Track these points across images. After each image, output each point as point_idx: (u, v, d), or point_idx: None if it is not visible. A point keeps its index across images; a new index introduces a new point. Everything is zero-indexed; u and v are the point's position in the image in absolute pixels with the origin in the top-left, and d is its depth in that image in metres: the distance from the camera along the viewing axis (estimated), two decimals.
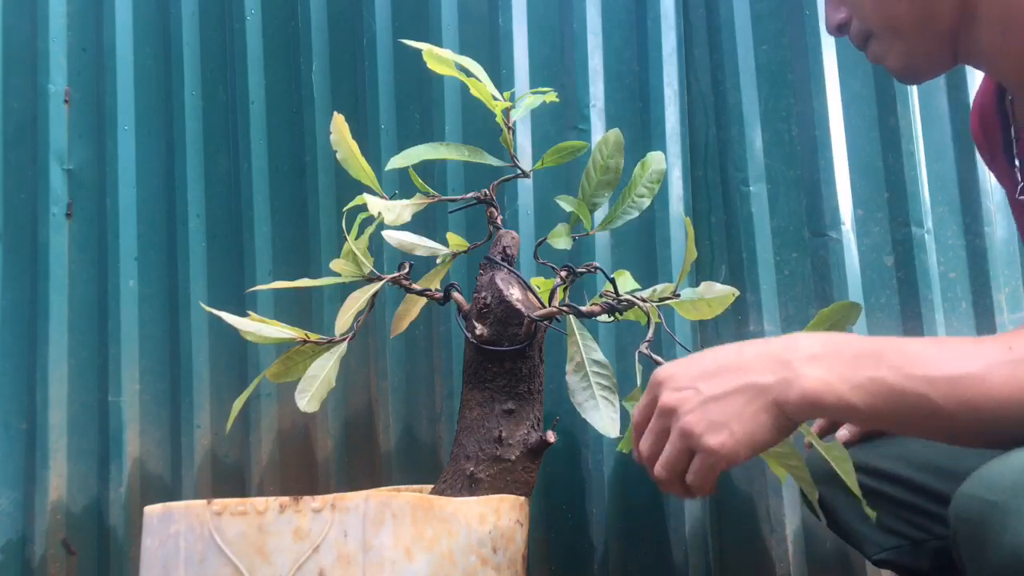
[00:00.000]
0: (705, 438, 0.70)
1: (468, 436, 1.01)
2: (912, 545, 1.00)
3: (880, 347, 0.70)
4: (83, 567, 1.60)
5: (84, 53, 1.73)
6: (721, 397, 0.71)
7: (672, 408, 0.73)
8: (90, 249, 1.68)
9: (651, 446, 0.75)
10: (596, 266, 1.05)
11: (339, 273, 1.08)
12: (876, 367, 0.68)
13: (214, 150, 1.69)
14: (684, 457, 0.73)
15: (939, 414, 0.67)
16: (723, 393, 0.71)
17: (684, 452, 0.72)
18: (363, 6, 1.61)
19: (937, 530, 1.00)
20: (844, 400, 0.68)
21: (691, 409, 0.71)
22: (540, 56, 1.54)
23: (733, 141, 1.48)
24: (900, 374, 0.68)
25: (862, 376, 0.68)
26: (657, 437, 0.75)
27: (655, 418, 0.75)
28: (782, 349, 0.71)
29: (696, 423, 0.71)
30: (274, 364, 1.05)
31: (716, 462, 0.71)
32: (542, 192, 1.49)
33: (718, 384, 0.71)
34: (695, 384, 0.72)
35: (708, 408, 0.71)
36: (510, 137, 1.06)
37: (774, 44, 1.49)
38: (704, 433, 0.70)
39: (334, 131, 1.06)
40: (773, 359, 0.71)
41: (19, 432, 1.65)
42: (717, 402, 0.71)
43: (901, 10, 0.92)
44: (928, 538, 1.00)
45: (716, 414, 0.71)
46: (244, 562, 0.83)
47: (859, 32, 0.98)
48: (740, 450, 0.70)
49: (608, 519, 1.43)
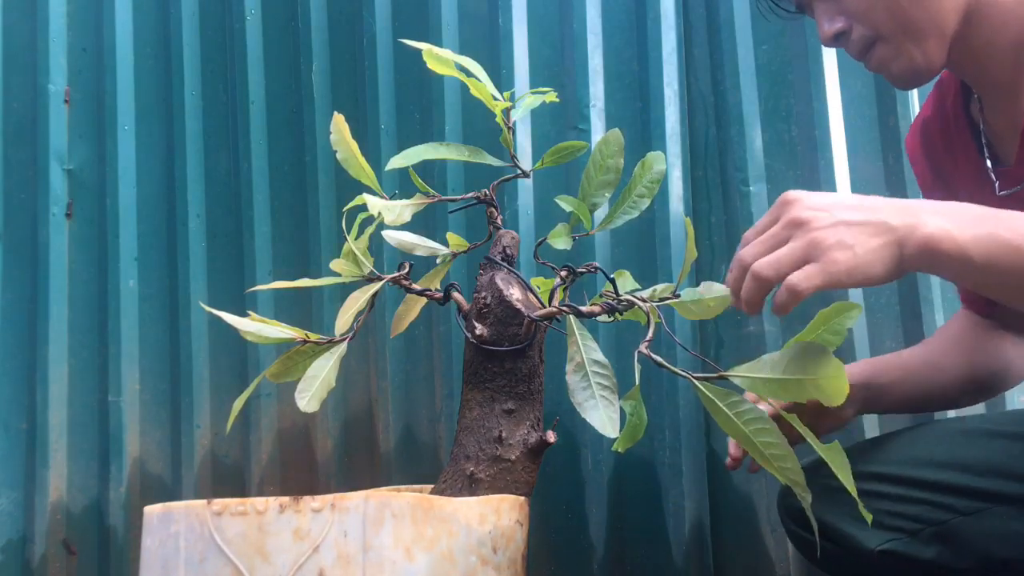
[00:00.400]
0: (832, 252, 0.75)
1: (468, 436, 1.01)
2: (909, 536, 1.01)
3: (998, 212, 0.77)
4: (83, 567, 1.60)
5: (84, 53, 1.74)
6: (853, 224, 0.76)
7: (804, 220, 0.77)
8: (90, 249, 1.68)
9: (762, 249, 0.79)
10: (596, 266, 1.05)
11: (339, 273, 1.08)
12: (995, 225, 0.76)
13: (214, 150, 1.69)
14: (798, 263, 0.76)
15: None
16: (856, 221, 0.76)
17: (801, 259, 0.76)
18: (363, 6, 1.61)
19: (931, 516, 1.01)
20: (962, 249, 0.76)
21: (823, 226, 0.76)
22: (540, 56, 1.54)
23: (733, 141, 1.48)
24: (1016, 233, 0.75)
25: (981, 230, 0.76)
26: (774, 242, 0.78)
27: (779, 228, 0.79)
28: (910, 202, 0.79)
29: (826, 237, 0.75)
30: (274, 364, 1.05)
31: (832, 274, 0.75)
32: (542, 192, 1.49)
33: (852, 213, 0.77)
34: (830, 208, 0.77)
35: (839, 229, 0.76)
36: (510, 137, 1.06)
37: (774, 44, 1.49)
38: (831, 248, 0.75)
39: (334, 131, 1.06)
40: (902, 207, 0.78)
41: (19, 432, 1.65)
42: (849, 227, 0.76)
43: (915, 14, 0.95)
44: (922, 527, 1.01)
45: (846, 235, 0.75)
46: (244, 562, 0.83)
47: (862, 39, 0.99)
48: (856, 274, 0.75)
49: (608, 519, 1.43)
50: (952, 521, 1.00)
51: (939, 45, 0.97)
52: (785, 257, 0.77)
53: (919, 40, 0.96)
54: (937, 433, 1.08)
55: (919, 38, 0.96)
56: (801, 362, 0.81)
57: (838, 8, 0.99)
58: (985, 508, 0.99)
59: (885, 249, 0.76)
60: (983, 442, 1.03)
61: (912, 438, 1.09)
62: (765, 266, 0.78)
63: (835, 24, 1.00)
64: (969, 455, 1.02)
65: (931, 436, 1.08)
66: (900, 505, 1.02)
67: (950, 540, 1.00)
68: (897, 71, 1.00)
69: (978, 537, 0.99)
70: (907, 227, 0.76)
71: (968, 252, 0.76)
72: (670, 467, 1.42)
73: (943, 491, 1.01)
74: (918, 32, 0.96)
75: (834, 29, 1.00)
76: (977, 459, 1.01)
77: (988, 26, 0.97)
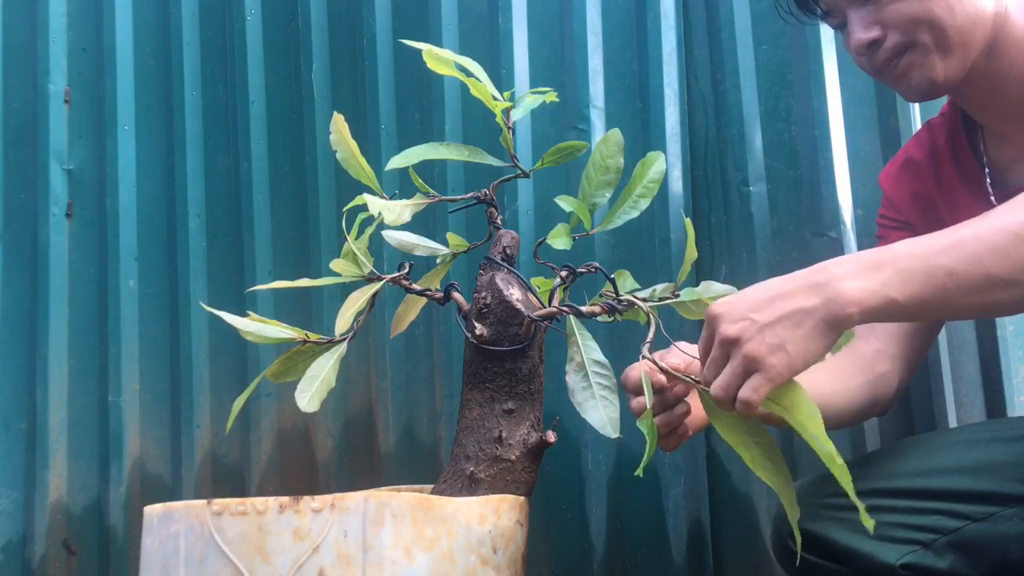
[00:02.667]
0: (767, 359, 0.80)
1: (468, 436, 1.01)
2: (924, 547, 1.01)
3: (895, 248, 0.82)
4: (83, 567, 1.60)
5: (84, 53, 1.74)
6: (775, 323, 0.81)
7: (734, 339, 0.82)
8: (90, 249, 1.68)
9: (710, 374, 0.86)
10: (596, 266, 1.05)
11: (339, 273, 1.08)
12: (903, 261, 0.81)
13: (214, 150, 1.69)
14: (742, 378, 0.82)
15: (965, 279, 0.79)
16: (775, 319, 0.81)
17: (743, 375, 0.82)
18: (363, 6, 1.61)
19: (944, 525, 1.01)
20: (885, 296, 0.80)
21: (750, 337, 0.81)
22: (540, 56, 1.54)
23: (733, 141, 1.48)
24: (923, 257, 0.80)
25: (894, 271, 0.80)
26: (717, 365, 0.84)
27: (715, 348, 0.84)
28: (819, 274, 0.82)
29: (756, 348, 0.81)
30: (274, 364, 1.05)
31: (774, 378, 0.81)
32: (542, 192, 1.49)
33: (769, 313, 0.81)
34: (749, 315, 0.82)
35: (764, 334, 0.81)
36: (510, 137, 1.06)
37: (774, 44, 1.49)
38: (765, 356, 0.80)
39: (334, 131, 1.06)
40: (813, 284, 0.82)
41: (19, 432, 1.65)
42: (771, 328, 0.81)
43: (952, 31, 0.99)
44: (936, 537, 1.01)
45: (772, 338, 0.81)
46: (244, 562, 0.83)
47: (895, 46, 1.01)
48: (796, 366, 0.81)
49: (608, 519, 1.43)
50: (965, 528, 1.00)
51: (962, 64, 1.01)
52: (731, 378, 0.83)
53: (946, 55, 1.00)
54: (937, 443, 1.08)
55: (947, 54, 1.00)
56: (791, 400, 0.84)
57: (876, 17, 1.01)
58: (996, 512, 0.99)
59: (812, 331, 0.81)
60: (985, 447, 1.03)
61: (911, 450, 1.09)
62: (718, 390, 0.84)
63: (871, 32, 1.02)
64: (972, 459, 1.02)
65: (931, 446, 1.08)
66: (911, 517, 1.01)
67: (965, 547, 0.99)
68: (917, 81, 1.03)
69: (992, 542, 0.98)
70: (825, 302, 0.80)
71: (894, 298, 0.80)
72: (670, 467, 1.42)
73: (952, 498, 1.01)
74: (949, 48, 1.00)
75: (869, 37, 1.02)
76: (981, 462, 1.01)
77: (1007, 54, 1.02)
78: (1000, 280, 0.79)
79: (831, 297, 0.80)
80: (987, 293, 0.80)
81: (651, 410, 0.90)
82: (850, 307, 0.80)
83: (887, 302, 0.80)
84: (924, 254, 0.80)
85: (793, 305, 0.81)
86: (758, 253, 1.44)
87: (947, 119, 1.16)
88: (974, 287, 0.80)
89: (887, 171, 1.24)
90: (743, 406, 0.82)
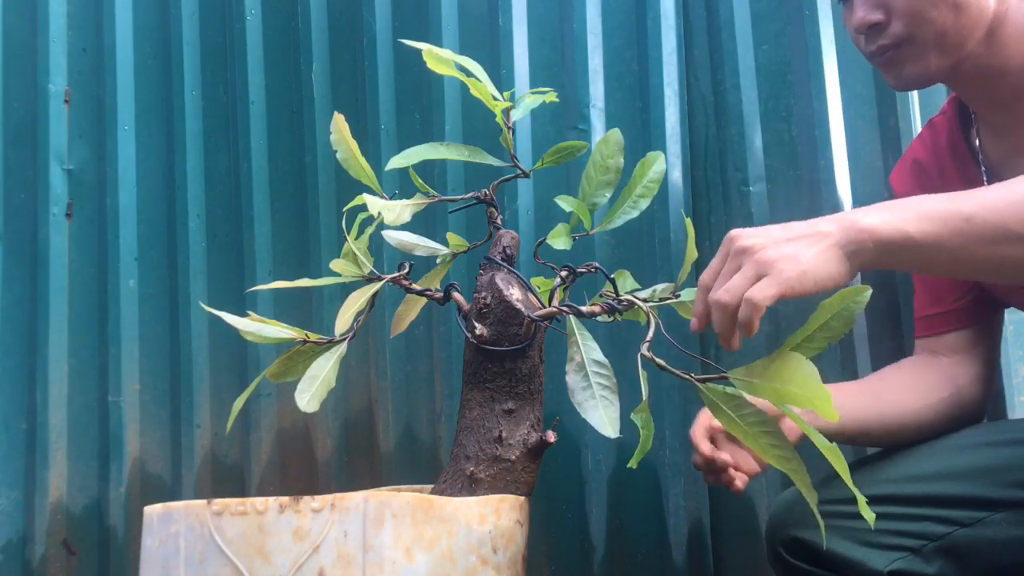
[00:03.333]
0: (778, 263, 0.80)
1: (468, 436, 1.01)
2: (913, 553, 1.01)
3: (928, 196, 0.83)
4: (83, 567, 1.60)
5: (84, 53, 1.74)
6: (793, 239, 0.82)
7: (748, 247, 0.82)
8: (90, 249, 1.68)
9: (719, 282, 0.84)
10: (596, 266, 1.05)
11: (339, 273, 1.08)
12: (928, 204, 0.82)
13: (214, 150, 1.69)
14: (751, 282, 0.81)
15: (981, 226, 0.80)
16: (794, 237, 0.82)
17: (753, 279, 0.81)
18: (363, 6, 1.61)
19: (932, 531, 1.01)
20: (903, 232, 0.81)
21: (765, 246, 0.81)
22: (540, 56, 1.54)
23: (733, 141, 1.48)
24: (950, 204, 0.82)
25: (913, 211, 0.82)
26: (727, 273, 0.84)
27: (729, 260, 0.84)
28: (839, 214, 0.84)
29: (770, 254, 0.80)
30: (274, 364, 1.05)
31: (783, 282, 0.79)
32: (542, 192, 1.49)
33: (790, 232, 0.82)
34: (769, 233, 0.83)
35: (781, 246, 0.81)
36: (510, 137, 1.06)
37: (774, 44, 1.49)
38: (777, 261, 0.80)
39: (334, 131, 1.06)
40: (837, 216, 0.84)
41: (19, 432, 1.65)
42: (789, 242, 0.81)
43: (953, 28, 0.99)
44: (925, 543, 1.01)
45: (788, 250, 0.81)
46: (244, 562, 0.83)
47: (895, 37, 1.00)
48: (806, 279, 0.80)
49: (608, 519, 1.43)
50: (953, 534, 1.00)
51: (955, 59, 1.01)
52: (739, 280, 0.81)
53: (943, 50, 1.00)
54: (925, 450, 1.09)
55: (944, 49, 1.00)
56: (791, 373, 0.81)
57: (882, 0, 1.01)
58: (984, 517, 0.99)
59: (827, 252, 0.81)
60: (972, 452, 1.03)
61: (899, 456, 1.09)
62: (723, 293, 0.82)
63: (874, 14, 1.01)
64: (960, 464, 1.02)
65: (920, 453, 1.08)
66: (899, 524, 1.01)
67: (953, 553, 0.99)
68: (908, 73, 1.03)
69: (981, 547, 0.99)
70: (842, 228, 0.82)
71: (909, 233, 0.81)
72: (670, 467, 1.42)
73: (940, 504, 1.01)
74: (946, 44, 1.00)
75: (872, 19, 1.02)
76: (969, 467, 1.02)
77: (1002, 48, 1.01)
78: (1015, 235, 0.80)
79: (847, 225, 0.82)
80: (1001, 246, 0.81)
81: (646, 403, 0.90)
82: (864, 234, 0.81)
83: (903, 236, 0.81)
84: (946, 199, 0.82)
85: (810, 229, 0.82)
86: None
87: (947, 118, 1.17)
88: (989, 237, 0.81)
89: (896, 173, 1.25)
90: (747, 307, 0.79)
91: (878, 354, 1.38)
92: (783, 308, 1.42)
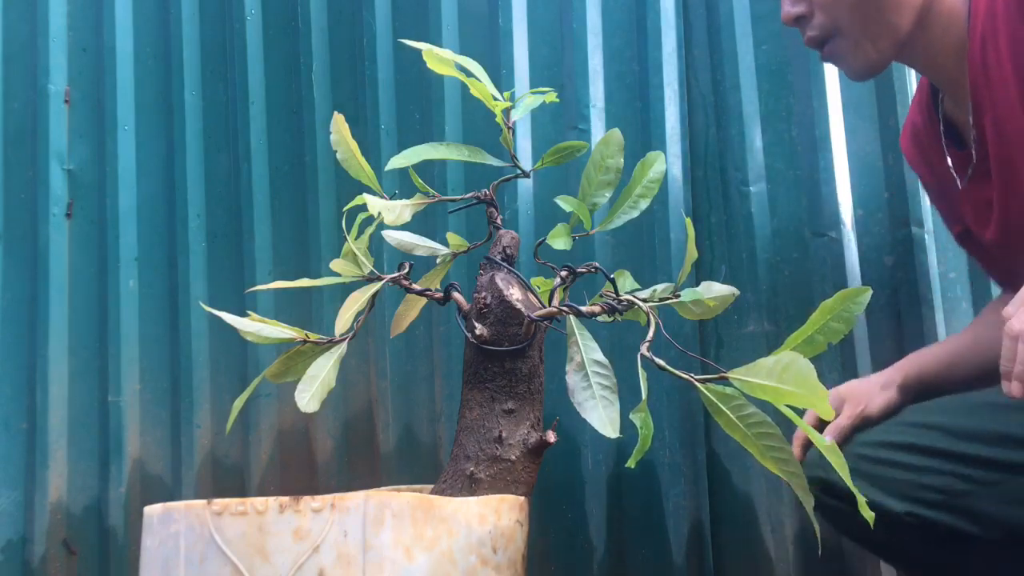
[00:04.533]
0: None
1: (468, 436, 1.01)
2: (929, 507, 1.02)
3: None
4: (83, 567, 1.60)
5: (84, 53, 1.74)
6: None
7: None
8: (90, 249, 1.68)
9: None
10: (596, 266, 1.05)
11: (339, 273, 1.08)
12: None
13: (214, 150, 1.69)
14: None
15: None
16: None
17: None
18: (363, 6, 1.61)
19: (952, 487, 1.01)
20: None
21: None
22: (540, 56, 1.54)
23: (733, 141, 1.48)
24: None
25: None
26: None
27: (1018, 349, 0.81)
28: None
29: None
30: (274, 364, 1.05)
31: None
32: (542, 192, 1.49)
33: None
34: None
35: None
36: (510, 137, 1.06)
37: (774, 44, 1.49)
38: None
39: (334, 131, 1.06)
40: None
41: (19, 432, 1.65)
42: None
43: (875, 15, 1.01)
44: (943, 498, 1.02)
45: None
46: (244, 562, 0.83)
47: (821, 28, 1.04)
48: None
49: (608, 519, 1.43)
50: (973, 492, 1.01)
51: (892, 44, 1.03)
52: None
53: (875, 39, 1.03)
54: (956, 404, 1.09)
55: (875, 37, 1.03)
56: (791, 374, 0.81)
57: None
58: (1004, 479, 1.00)
59: None
60: (999, 413, 1.03)
61: (930, 408, 1.10)
62: None
63: (796, 7, 1.06)
64: (985, 426, 1.03)
65: (950, 407, 1.08)
66: (920, 476, 1.02)
67: (971, 511, 1.00)
68: (852, 65, 1.06)
69: (998, 508, 0.99)
70: None
71: None
72: (670, 467, 1.42)
73: (962, 462, 1.02)
74: (875, 32, 1.02)
75: (795, 11, 1.06)
76: (993, 430, 1.02)
77: (936, 28, 1.04)
78: None
79: None
80: None
81: (645, 402, 0.90)
82: None
83: None
84: None
85: None
86: (758, 253, 1.44)
87: (923, 80, 1.19)
88: None
89: (902, 136, 1.28)
90: None
91: (878, 354, 1.38)
92: (783, 308, 1.42)
